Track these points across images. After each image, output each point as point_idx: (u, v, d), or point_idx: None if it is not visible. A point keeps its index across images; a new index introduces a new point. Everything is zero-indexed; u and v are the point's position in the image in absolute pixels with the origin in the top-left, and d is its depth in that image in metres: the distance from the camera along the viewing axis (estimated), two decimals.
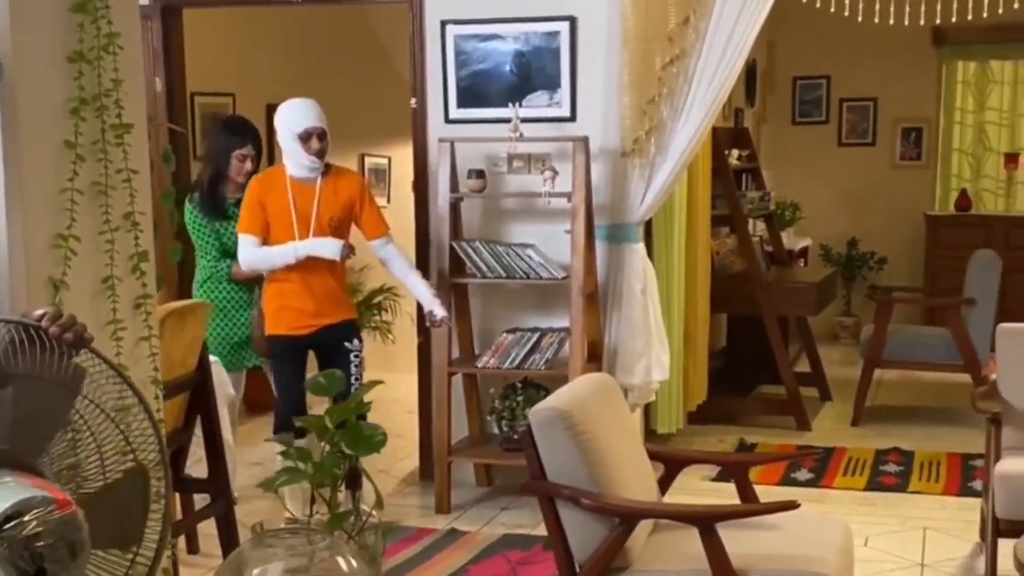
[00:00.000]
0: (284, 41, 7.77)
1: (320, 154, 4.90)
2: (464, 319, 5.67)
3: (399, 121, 8.31)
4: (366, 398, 2.43)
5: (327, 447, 2.15)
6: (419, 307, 5.37)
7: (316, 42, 8.04)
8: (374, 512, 2.17)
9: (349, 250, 4.98)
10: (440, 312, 5.12)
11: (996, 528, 4.39)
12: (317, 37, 8.02)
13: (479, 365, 5.45)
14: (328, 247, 4.91)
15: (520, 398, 5.40)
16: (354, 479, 2.19)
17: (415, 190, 5.83)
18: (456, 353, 5.62)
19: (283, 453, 2.18)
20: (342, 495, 2.13)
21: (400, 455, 6.23)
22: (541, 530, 5.13)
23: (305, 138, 4.87)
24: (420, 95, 5.71)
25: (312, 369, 5.03)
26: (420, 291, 5.17)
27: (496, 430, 5.58)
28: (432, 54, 5.67)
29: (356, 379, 4.97)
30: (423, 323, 5.45)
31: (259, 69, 7.49)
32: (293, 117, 4.89)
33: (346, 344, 5.00)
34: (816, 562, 3.41)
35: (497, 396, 5.54)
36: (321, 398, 2.68)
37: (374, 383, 2.48)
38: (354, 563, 2.05)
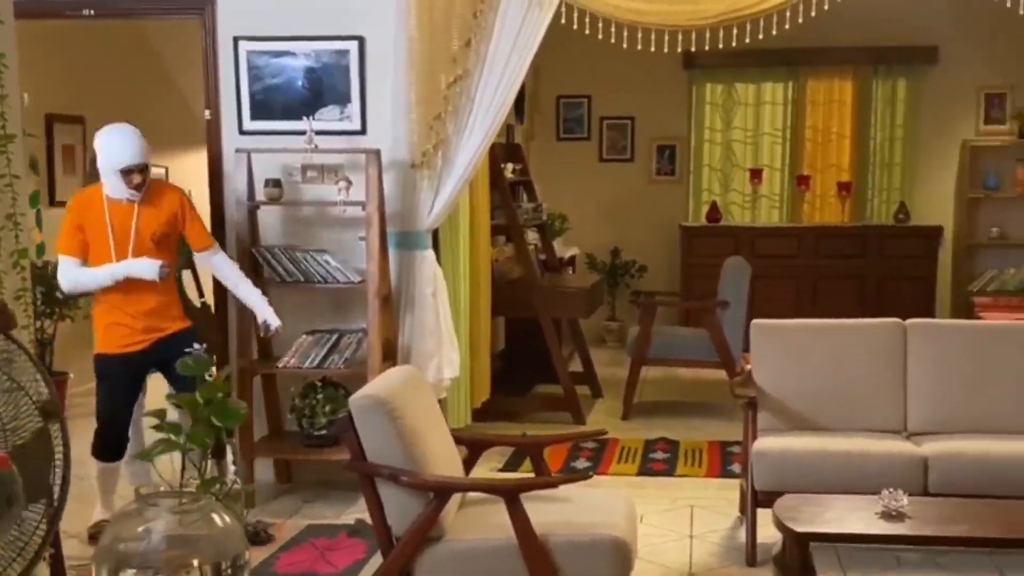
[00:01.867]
0: (64, 53, 7.72)
1: (139, 187, 4.94)
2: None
3: (177, 132, 8.42)
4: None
5: (195, 422, 2.38)
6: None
7: (94, 54, 8.03)
8: (237, 478, 2.41)
9: (167, 269, 5.03)
10: (275, 322, 5.28)
11: (755, 500, 4.90)
12: (96, 49, 8.00)
13: (280, 366, 5.66)
14: (144, 268, 4.96)
15: (320, 396, 5.64)
16: (220, 449, 2.43)
17: (211, 199, 5.97)
18: (254, 355, 5.80)
19: (156, 427, 2.39)
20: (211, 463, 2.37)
21: None
22: (344, 519, 5.43)
23: (126, 172, 4.90)
24: (214, 107, 5.88)
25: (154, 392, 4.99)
26: (253, 301, 5.31)
27: (296, 427, 5.79)
28: (225, 68, 5.85)
29: (209, 376, 5.03)
30: (223, 322, 5.59)
31: (40, 80, 7.42)
32: (115, 152, 4.88)
33: (187, 350, 5.06)
34: (608, 526, 3.82)
35: (297, 395, 5.76)
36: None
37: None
38: (227, 519, 2.29)
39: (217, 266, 5.27)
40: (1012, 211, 9.97)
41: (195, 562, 2.20)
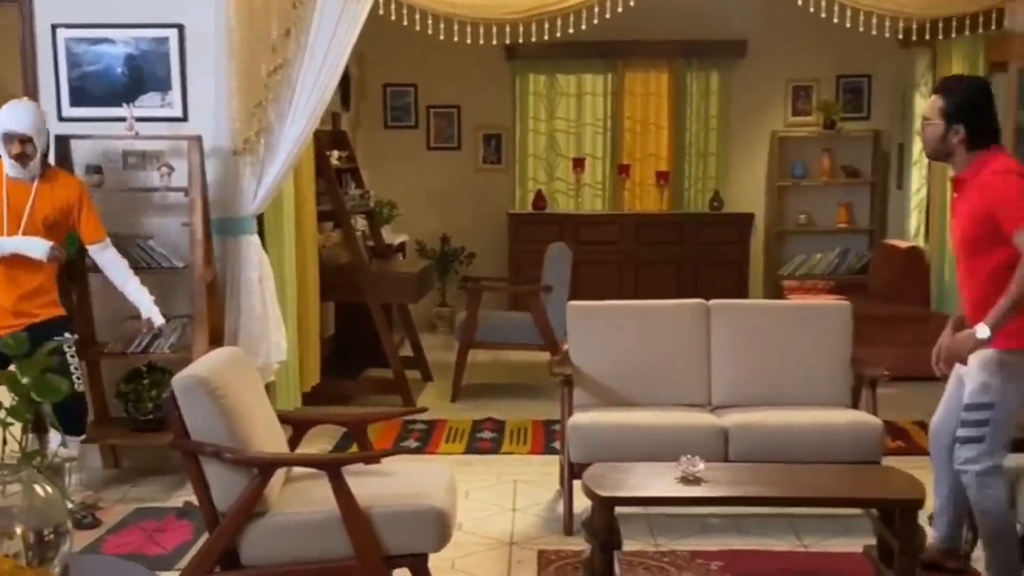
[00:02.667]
0: None
1: (20, 158, 5.00)
2: (85, 307, 5.87)
3: None
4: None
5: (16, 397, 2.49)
6: None
7: None
8: (59, 451, 2.52)
9: (58, 252, 5.08)
10: (159, 320, 5.32)
11: (571, 472, 5.18)
12: None
13: (105, 351, 5.67)
14: (35, 246, 5.01)
15: (146, 381, 5.68)
16: (40, 424, 2.54)
17: None
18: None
19: None
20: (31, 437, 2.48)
21: None
22: (172, 502, 5.50)
23: (6, 140, 4.98)
24: (32, 93, 5.85)
25: None
26: (139, 298, 5.33)
27: (123, 413, 5.81)
28: (43, 56, 5.83)
29: (75, 368, 5.05)
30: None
31: None
32: (3, 116, 5.01)
33: (56, 338, 5.03)
34: (427, 496, 4.02)
35: (122, 380, 5.78)
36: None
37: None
38: (49, 490, 2.40)
39: (108, 261, 5.30)
40: (818, 199, 10.57)
41: (18, 530, 2.31)
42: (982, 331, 4.15)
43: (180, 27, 5.86)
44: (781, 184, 10.52)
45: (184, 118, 5.90)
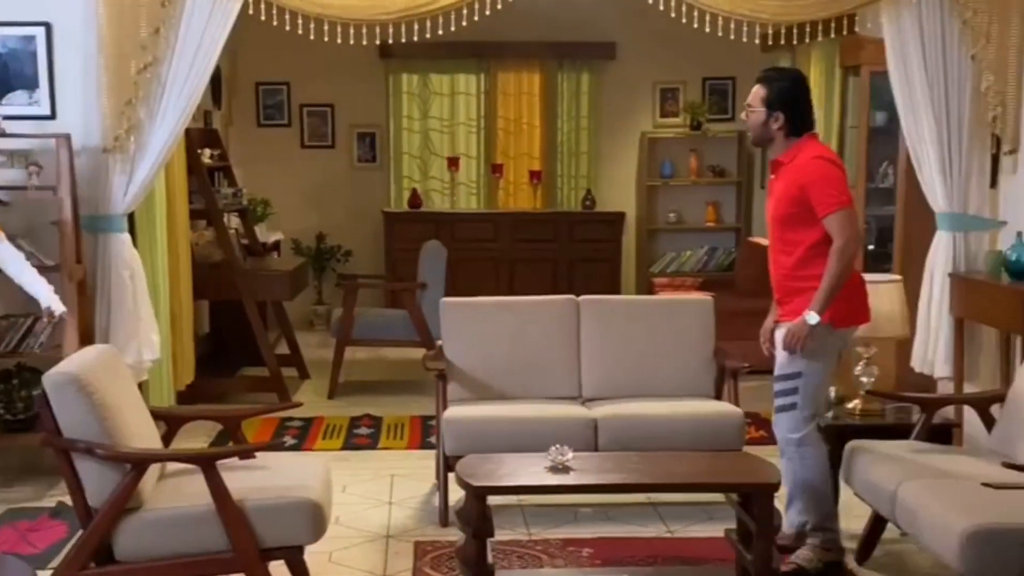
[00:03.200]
0: None
1: None
2: None
3: None
4: None
5: None
6: None
7: None
8: None
9: None
10: (59, 307, 5.19)
11: (446, 465, 5.29)
12: None
13: None
14: None
15: (16, 382, 5.61)
16: None
17: None
18: None
19: None
20: None
21: None
22: (46, 502, 5.45)
23: None
24: None
25: None
26: (37, 288, 5.20)
27: None
28: None
29: None
30: None
31: None
32: None
33: None
34: (302, 489, 4.09)
35: None
36: None
37: None
38: None
39: (5, 256, 5.18)
40: (687, 197, 10.86)
41: None
42: (811, 317, 4.53)
43: (47, 25, 5.82)
44: (651, 183, 10.78)
45: (52, 116, 5.85)
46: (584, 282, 9.46)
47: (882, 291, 5.21)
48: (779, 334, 4.75)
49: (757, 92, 4.72)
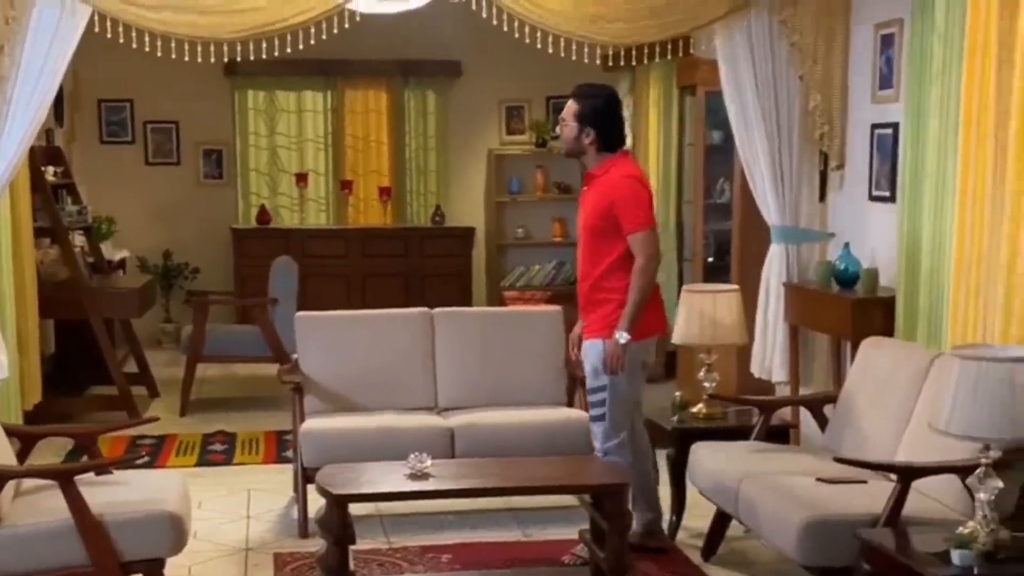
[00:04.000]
0: None
1: None
2: None
3: None
4: None
5: None
6: None
7: None
8: None
9: None
10: None
11: (304, 476, 5.35)
12: None
13: None
14: None
15: None
16: None
17: None
18: None
19: None
20: None
21: None
22: None
23: None
24: None
25: None
26: None
27: None
28: None
29: None
30: None
31: None
32: None
33: None
34: (161, 502, 4.13)
35: None
36: None
37: None
38: None
39: None
40: (534, 213, 11.08)
41: None
42: (623, 337, 4.79)
43: None
44: (499, 200, 10.97)
45: None
46: (435, 296, 9.52)
47: (721, 301, 5.48)
48: (589, 352, 4.95)
49: (571, 107, 4.94)
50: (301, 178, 10.63)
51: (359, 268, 10.41)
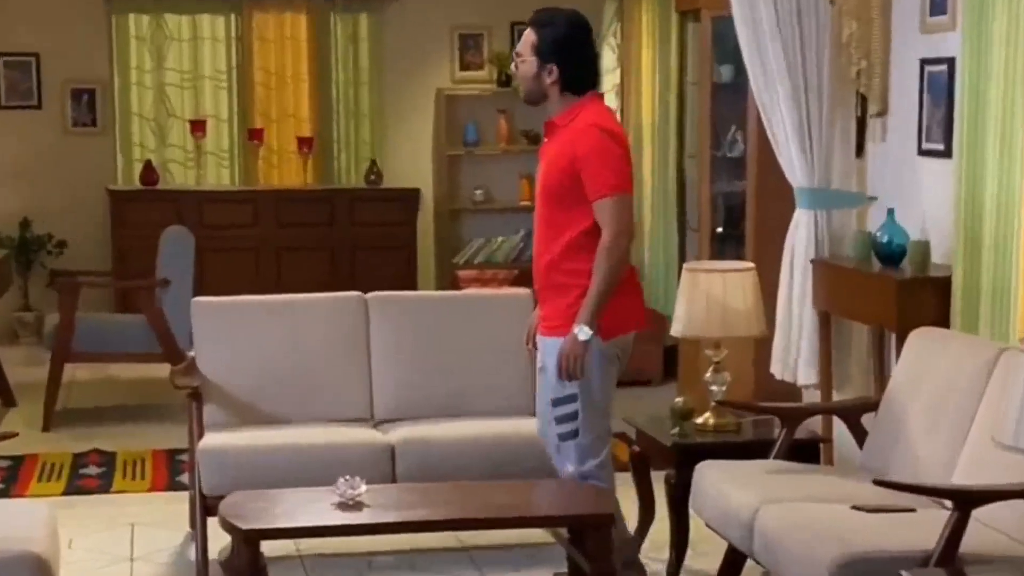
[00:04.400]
0: None
1: None
2: None
3: None
4: None
5: None
6: None
7: None
8: None
9: None
10: None
11: (204, 507, 5.34)
12: None
13: None
14: None
15: None
16: None
17: None
18: None
19: None
20: None
21: None
22: None
23: None
24: None
25: None
26: None
27: None
28: None
29: None
30: None
31: None
32: None
33: None
34: (20, 541, 4.11)
35: None
36: None
37: None
38: None
39: None
40: (496, 170, 11.09)
41: None
42: (582, 332, 4.73)
43: None
44: (452, 153, 10.98)
45: None
46: (371, 276, 9.58)
47: (732, 282, 5.51)
48: (549, 353, 4.90)
49: (528, 38, 4.92)
50: (197, 125, 10.59)
51: (272, 240, 10.43)
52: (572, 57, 4.87)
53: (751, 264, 5.91)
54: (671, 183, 8.92)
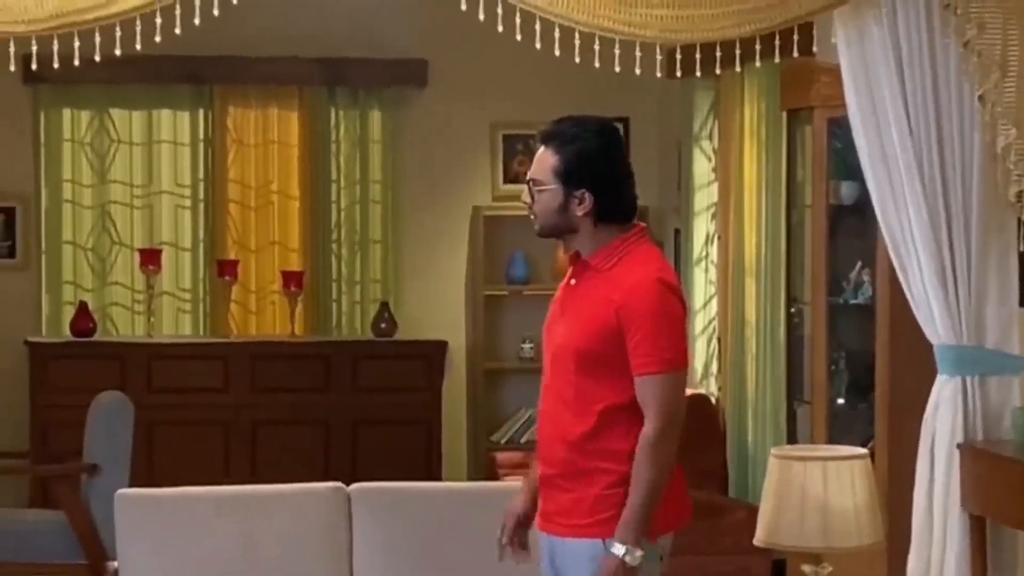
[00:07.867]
0: None
1: None
2: None
3: None
4: None
5: None
6: None
7: None
8: None
9: None
10: None
11: None
12: None
13: None
14: None
15: None
16: None
17: None
18: None
19: None
20: None
21: None
22: None
23: None
24: None
25: None
26: None
27: None
28: None
29: None
30: None
31: None
32: None
33: None
34: None
35: None
36: None
37: None
38: None
39: None
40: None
41: None
42: (631, 556, 4.71)
43: None
44: (491, 292, 11.05)
45: None
46: (379, 460, 9.57)
47: (836, 474, 5.53)
48: (579, 561, 4.89)
49: (545, 161, 4.94)
50: (150, 257, 10.63)
51: (247, 411, 10.48)
52: (609, 179, 4.91)
53: (864, 451, 5.93)
54: (779, 337, 8.82)
